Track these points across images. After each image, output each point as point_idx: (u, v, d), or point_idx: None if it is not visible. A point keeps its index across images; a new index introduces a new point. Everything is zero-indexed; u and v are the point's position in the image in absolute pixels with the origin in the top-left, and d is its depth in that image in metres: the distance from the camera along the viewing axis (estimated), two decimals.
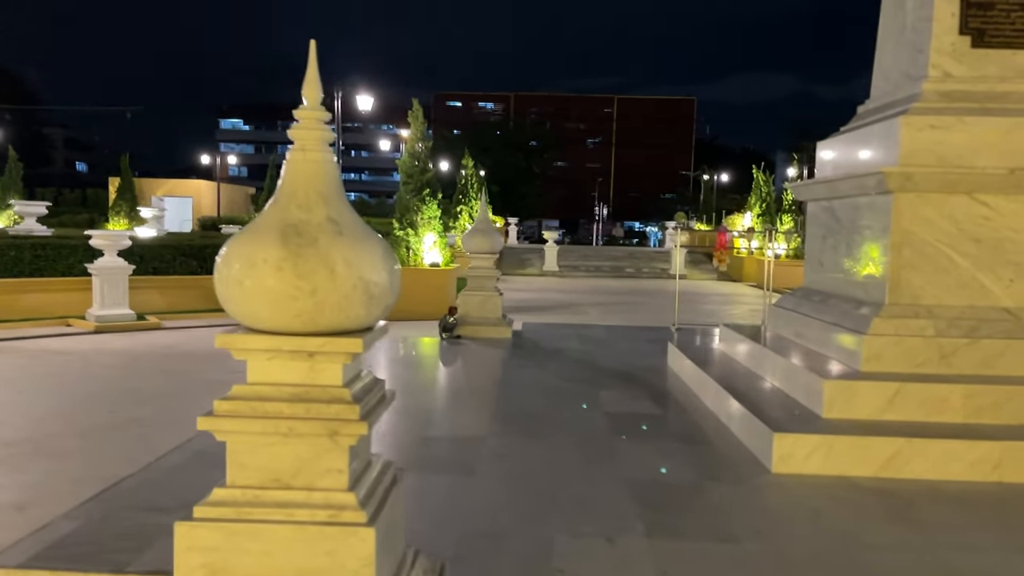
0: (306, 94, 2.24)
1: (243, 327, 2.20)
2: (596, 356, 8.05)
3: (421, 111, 15.85)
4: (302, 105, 2.25)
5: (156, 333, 12.19)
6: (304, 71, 2.23)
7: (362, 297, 2.11)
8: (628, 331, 10.88)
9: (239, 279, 2.07)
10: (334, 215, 2.17)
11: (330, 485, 2.15)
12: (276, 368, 2.17)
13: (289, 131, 2.25)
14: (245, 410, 2.13)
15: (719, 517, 3.51)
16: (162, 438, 6.35)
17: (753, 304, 19.96)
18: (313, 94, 2.24)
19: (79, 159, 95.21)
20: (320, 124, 2.24)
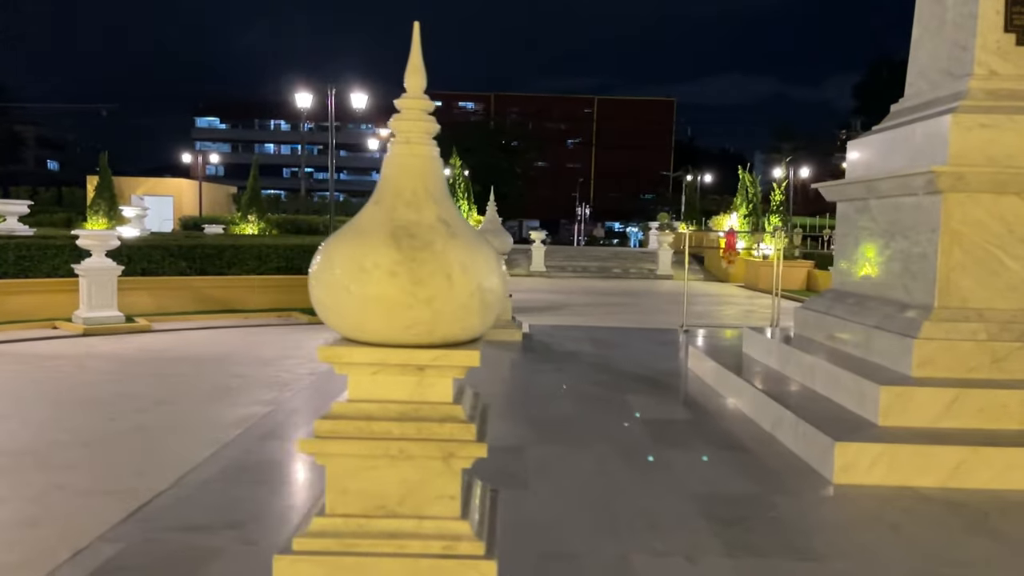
0: (409, 82, 2.04)
1: (342, 338, 1.99)
2: (611, 359, 7.88)
3: None
4: (404, 94, 2.05)
5: (147, 336, 11.84)
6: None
7: (478, 306, 1.92)
8: (635, 332, 10.74)
9: (344, 285, 1.86)
10: (444, 215, 1.97)
11: (441, 512, 1.95)
12: (381, 384, 1.97)
13: (391, 122, 2.05)
14: (349, 430, 1.92)
15: (795, 533, 3.35)
16: (168, 447, 6.09)
17: (744, 305, 19.95)
18: (417, 82, 2.03)
19: (51, 157, 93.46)
20: (425, 115, 2.04)
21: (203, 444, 6.18)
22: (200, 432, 6.54)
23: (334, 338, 2.02)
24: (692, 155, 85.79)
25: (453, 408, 1.96)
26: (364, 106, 16.76)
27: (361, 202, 36.98)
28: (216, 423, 6.87)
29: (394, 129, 2.04)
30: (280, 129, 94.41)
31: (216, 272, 14.67)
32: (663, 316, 16.62)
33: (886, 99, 27.32)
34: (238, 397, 7.86)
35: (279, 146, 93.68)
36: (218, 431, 6.60)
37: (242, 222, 28.34)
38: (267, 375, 9.01)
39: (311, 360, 10.15)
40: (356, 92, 16.40)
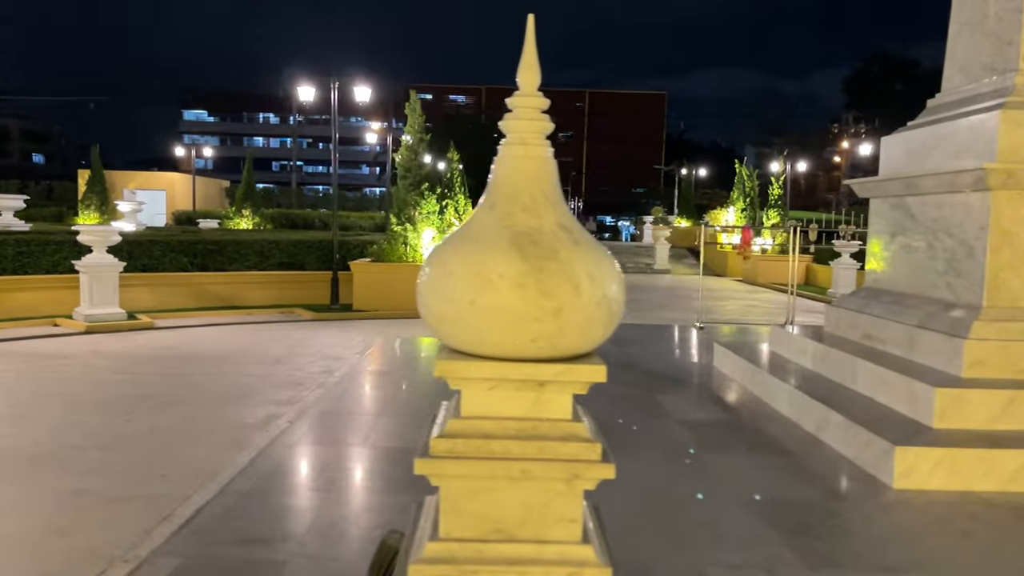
0: (523, 79, 1.91)
1: (453, 351, 1.86)
2: (634, 357, 7.79)
3: (419, 104, 15.45)
4: (517, 92, 1.92)
5: (150, 333, 11.65)
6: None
7: (604, 316, 1.80)
8: (650, 329, 10.64)
9: (468, 298, 1.74)
10: (563, 221, 1.85)
11: (562, 536, 1.83)
12: (496, 400, 1.85)
13: (503, 123, 1.93)
14: (468, 450, 1.80)
15: (867, 542, 3.27)
16: (189, 450, 5.95)
17: (746, 299, 19.93)
18: (531, 79, 1.91)
19: (36, 151, 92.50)
20: (539, 114, 1.91)
21: (224, 447, 6.05)
22: (219, 434, 6.40)
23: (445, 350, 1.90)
24: (683, 149, 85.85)
25: (575, 426, 1.84)
26: (368, 99, 16.53)
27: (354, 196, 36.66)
28: (234, 424, 6.73)
29: (506, 129, 1.92)
30: (269, 122, 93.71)
31: (217, 268, 14.48)
32: (671, 312, 16.57)
33: (878, 93, 27.81)
34: (253, 397, 7.72)
35: (268, 139, 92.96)
36: (237, 432, 6.47)
37: (236, 216, 28.10)
38: (279, 374, 8.87)
39: (322, 357, 10.01)
40: (359, 85, 16.17)
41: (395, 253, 15.00)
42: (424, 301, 1.88)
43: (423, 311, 1.92)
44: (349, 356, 10.16)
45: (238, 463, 5.53)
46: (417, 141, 15.27)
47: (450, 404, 2.07)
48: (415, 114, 15.35)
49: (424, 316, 1.92)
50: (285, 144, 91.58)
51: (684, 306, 17.85)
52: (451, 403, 2.08)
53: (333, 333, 12.12)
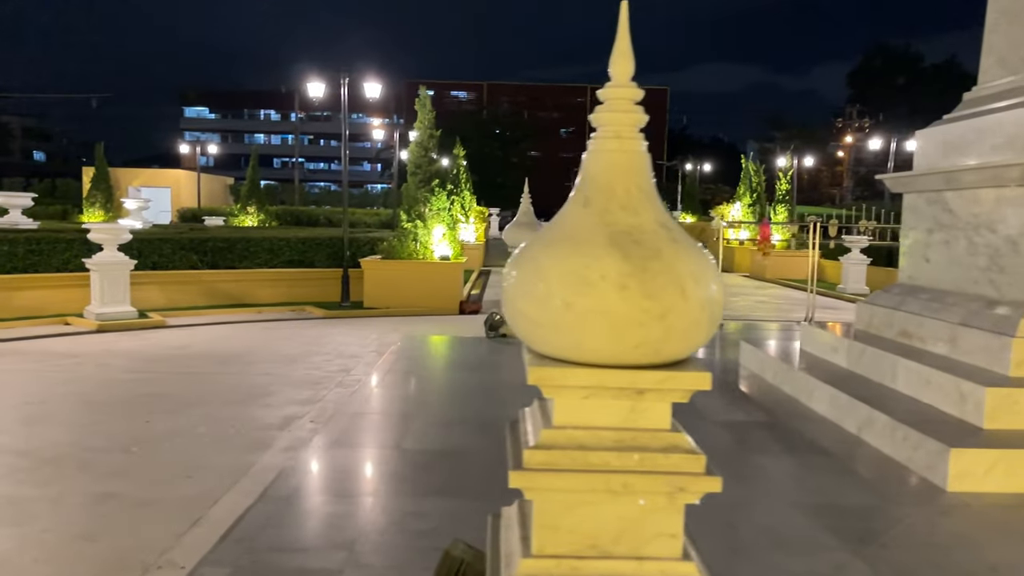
0: (616, 68, 1.80)
1: (545, 356, 1.76)
2: None
3: (429, 99, 15.32)
4: (609, 83, 1.82)
5: (162, 332, 11.56)
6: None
7: (707, 320, 1.70)
8: None
9: (565, 300, 1.64)
10: (662, 218, 1.75)
11: (661, 553, 1.74)
12: (591, 409, 1.75)
13: (594, 115, 1.82)
14: (564, 462, 1.70)
15: (933, 549, 3.17)
16: (213, 452, 5.85)
17: (755, 295, 19.82)
18: (625, 68, 1.80)
19: (37, 148, 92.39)
20: (633, 105, 1.81)
21: (248, 448, 5.95)
22: (242, 435, 6.31)
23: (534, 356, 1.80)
24: (685, 144, 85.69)
25: (676, 436, 1.74)
26: (377, 95, 16.40)
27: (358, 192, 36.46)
28: (256, 425, 6.63)
29: (598, 122, 1.81)
30: (270, 119, 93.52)
31: (227, 266, 14.38)
32: None
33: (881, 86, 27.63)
34: (272, 397, 7.62)
35: (269, 136, 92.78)
36: (260, 433, 6.38)
37: (241, 214, 27.98)
38: (296, 373, 8.77)
39: (338, 356, 9.91)
40: (369, 81, 16.04)
41: (406, 250, 14.89)
42: (513, 304, 1.78)
43: (510, 314, 1.82)
44: (365, 354, 10.07)
45: (267, 465, 5.44)
46: (427, 137, 15.14)
47: (533, 412, 1.96)
48: (424, 110, 15.22)
49: (511, 319, 1.82)
50: (286, 141, 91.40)
51: None
52: (534, 411, 1.97)
53: (346, 331, 12.02)
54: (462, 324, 13.06)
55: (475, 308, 14.85)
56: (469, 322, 13.41)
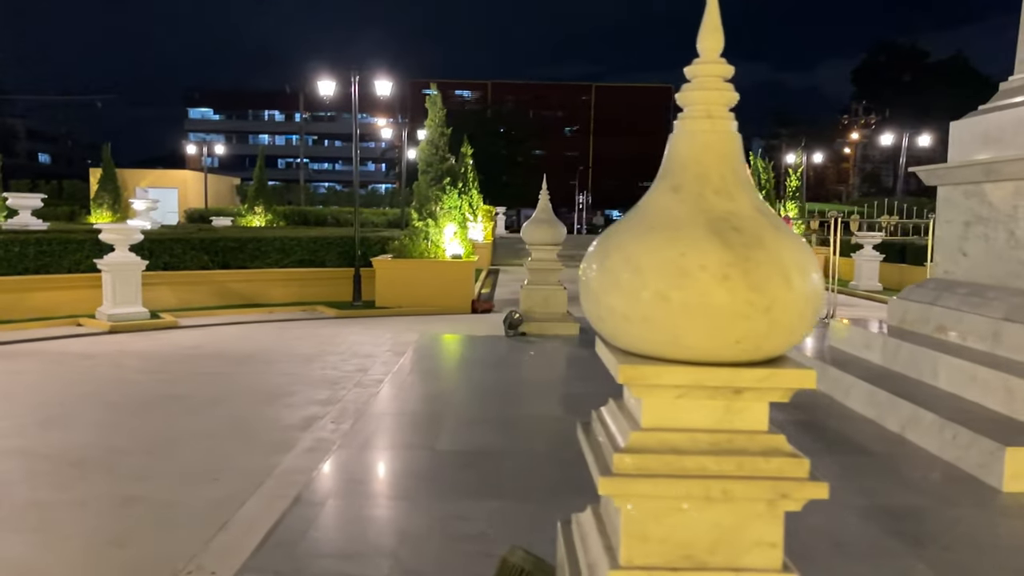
0: (705, 44, 1.69)
1: (632, 354, 1.65)
2: None
3: (440, 96, 15.21)
4: (698, 59, 1.70)
5: (175, 332, 11.46)
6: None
7: (811, 314, 1.58)
8: None
9: (661, 293, 1.52)
10: (759, 204, 1.63)
11: (761, 564, 1.62)
12: (684, 409, 1.63)
13: (681, 94, 1.71)
14: (657, 467, 1.59)
15: (1000, 552, 3.05)
16: (236, 453, 5.75)
17: None
18: (714, 44, 1.69)
19: (42, 150, 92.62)
20: (724, 83, 1.69)
21: (272, 449, 5.85)
22: (264, 436, 6.21)
23: (618, 352, 1.68)
24: None
25: (774, 439, 1.63)
26: (388, 93, 16.30)
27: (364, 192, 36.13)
28: (277, 425, 6.53)
29: (686, 101, 1.70)
30: (274, 120, 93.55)
31: (238, 265, 14.29)
32: None
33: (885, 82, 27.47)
34: (291, 397, 7.52)
35: (273, 137, 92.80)
36: (281, 434, 6.27)
37: (249, 214, 27.91)
38: (313, 373, 8.67)
39: (353, 355, 9.80)
40: (380, 80, 15.93)
41: (417, 249, 14.78)
42: (596, 298, 1.66)
43: (591, 309, 1.70)
44: (380, 354, 9.96)
45: (292, 467, 5.34)
46: (438, 135, 15.03)
47: (613, 413, 1.85)
48: (435, 108, 15.11)
49: (593, 314, 1.70)
50: (291, 141, 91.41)
51: None
52: (613, 412, 1.86)
53: (359, 330, 11.91)
54: (475, 323, 12.95)
55: (487, 307, 14.73)
56: (482, 321, 13.30)
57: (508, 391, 5.83)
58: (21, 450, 5.76)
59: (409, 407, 5.26)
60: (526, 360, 7.29)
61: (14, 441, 5.96)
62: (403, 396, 5.59)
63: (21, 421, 6.51)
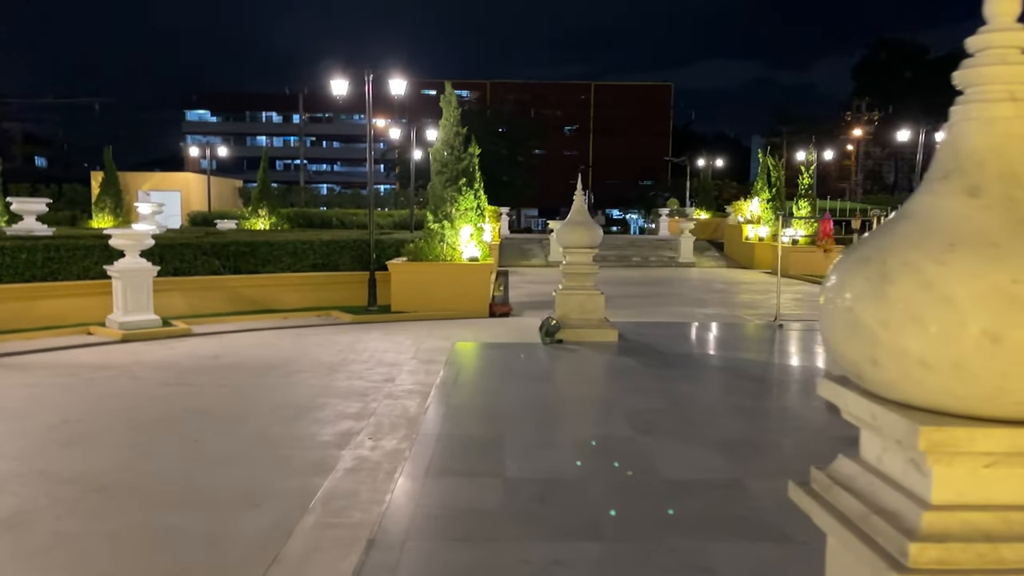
0: (996, 8, 1.31)
1: (918, 409, 1.27)
2: (735, 362, 7.24)
3: (454, 95, 14.84)
4: (987, 27, 1.33)
5: (189, 340, 11.07)
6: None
7: None
8: (723, 329, 10.02)
9: (989, 332, 1.14)
10: None
11: None
12: (989, 481, 1.26)
13: (961, 72, 1.35)
14: (968, 560, 1.21)
15: None
16: (273, 475, 5.36)
17: (786, 293, 19.28)
18: (1009, 5, 1.31)
19: (38, 154, 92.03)
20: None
21: (311, 470, 5.47)
22: (299, 455, 5.83)
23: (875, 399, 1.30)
24: (688, 140, 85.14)
25: None
26: (403, 92, 15.90)
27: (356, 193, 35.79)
28: (311, 443, 6.15)
29: (972, 80, 1.33)
30: (272, 121, 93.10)
31: (250, 270, 13.90)
32: (718, 308, 15.96)
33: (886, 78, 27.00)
34: (320, 411, 7.14)
35: (271, 138, 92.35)
36: (318, 452, 5.89)
37: (253, 217, 27.50)
38: (339, 383, 8.29)
39: (378, 364, 9.42)
40: (394, 78, 15.53)
41: (433, 252, 14.40)
42: (872, 336, 1.27)
43: (857, 349, 1.31)
44: (405, 361, 9.59)
45: (337, 490, 4.97)
46: (453, 135, 14.65)
47: (857, 472, 1.48)
48: (450, 107, 14.74)
49: (859, 355, 1.31)
50: (288, 143, 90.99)
51: (727, 301, 17.26)
52: (855, 470, 1.49)
53: (378, 336, 11.53)
54: (497, 328, 12.58)
55: (505, 310, 14.35)
56: (502, 325, 12.93)
57: (563, 407, 5.45)
58: (43, 473, 5.37)
59: (463, 428, 4.88)
60: (572, 371, 6.92)
61: (35, 463, 5.57)
62: (454, 415, 5.21)
63: (40, 440, 6.13)
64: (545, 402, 5.66)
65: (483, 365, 7.06)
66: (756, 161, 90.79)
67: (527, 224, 72.25)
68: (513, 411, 5.34)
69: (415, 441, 4.94)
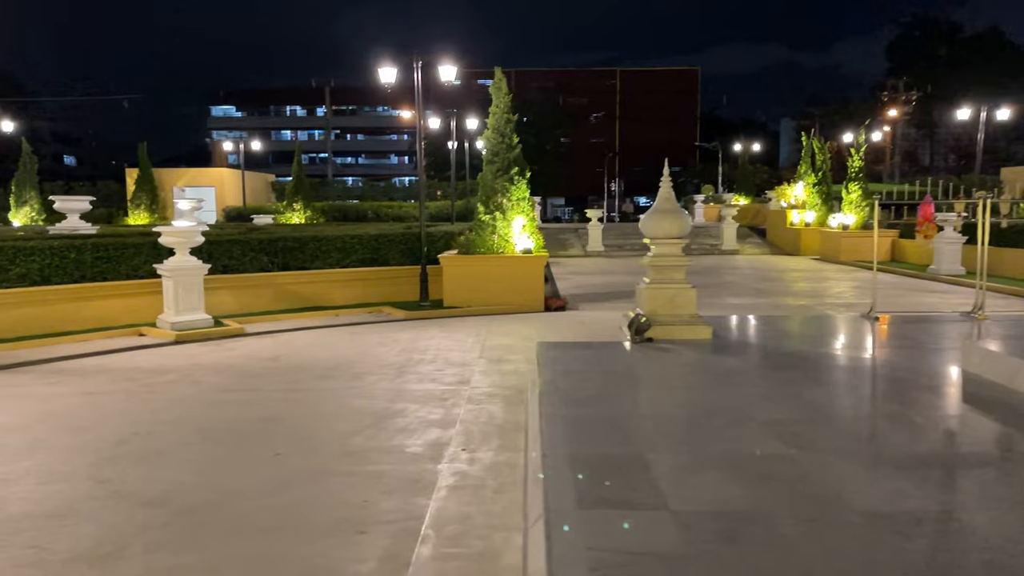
0: None
1: None
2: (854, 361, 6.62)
3: (504, 81, 14.27)
4: None
5: (244, 341, 10.67)
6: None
7: None
8: (819, 323, 9.39)
9: None
10: None
11: None
12: None
13: None
14: None
15: None
16: (368, 493, 4.88)
17: (847, 280, 18.55)
18: None
19: (67, 152, 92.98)
20: None
21: (406, 488, 4.99)
22: (392, 470, 5.34)
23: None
24: (715, 125, 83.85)
25: None
26: (453, 78, 15.36)
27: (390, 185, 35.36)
28: (402, 455, 5.66)
29: None
30: (296, 115, 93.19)
31: (299, 266, 13.49)
32: (780, 298, 15.28)
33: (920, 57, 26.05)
34: (401, 418, 6.67)
35: (296, 132, 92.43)
36: (411, 466, 5.41)
37: (288, 211, 27.20)
38: (411, 386, 7.82)
39: (446, 363, 8.94)
40: (450, 65, 14.98)
41: (485, 244, 13.89)
42: None
43: None
44: (473, 361, 9.11)
45: (445, 513, 4.48)
46: (504, 122, 14.10)
47: None
48: (500, 93, 14.18)
49: None
50: (313, 136, 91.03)
51: (788, 290, 16.57)
52: None
53: (437, 334, 11.06)
54: (558, 323, 12.06)
55: (560, 304, 13.83)
56: (563, 320, 12.39)
57: (690, 417, 4.89)
58: (120, 495, 4.94)
59: (592, 446, 4.34)
60: (681, 375, 6.35)
61: (111, 483, 5.15)
62: (572, 429, 4.67)
63: (111, 456, 5.71)
64: (667, 412, 5.11)
65: (577, 368, 6.50)
66: (786, 145, 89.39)
67: (554, 214, 71.49)
68: (637, 423, 4.79)
69: (475, 442, 4.40)
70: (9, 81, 64.47)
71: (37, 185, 24.10)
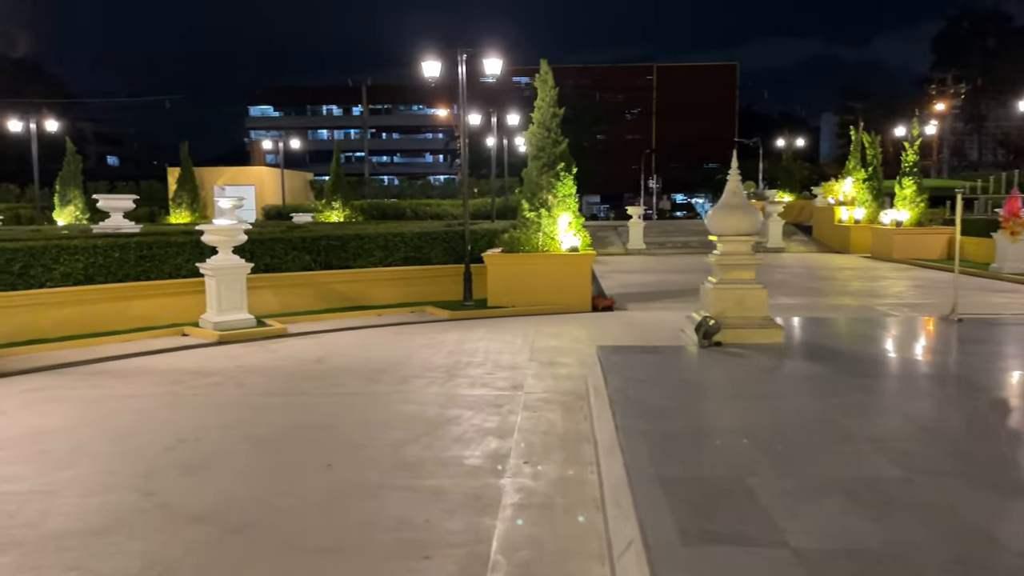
0: None
1: None
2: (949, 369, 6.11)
3: (551, 74, 13.86)
4: None
5: (288, 341, 10.42)
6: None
7: None
8: (897, 326, 8.83)
9: None
10: None
11: None
12: None
13: None
14: None
15: None
16: (433, 514, 4.49)
17: (904, 279, 17.80)
18: None
19: (110, 153, 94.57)
20: None
21: (469, 505, 4.62)
22: (451, 484, 4.98)
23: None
24: (753, 121, 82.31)
25: None
26: (498, 71, 14.99)
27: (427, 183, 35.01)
28: (460, 468, 5.29)
29: None
30: (332, 114, 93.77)
31: (341, 265, 13.23)
32: (845, 298, 14.65)
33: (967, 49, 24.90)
34: (455, 426, 6.31)
35: (332, 131, 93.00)
36: (471, 480, 5.04)
37: (327, 209, 27.10)
38: (462, 391, 7.47)
39: (496, 367, 8.57)
40: (495, 58, 14.62)
41: (530, 242, 13.49)
42: None
43: None
44: (524, 364, 8.73)
45: (514, 536, 4.10)
46: (550, 117, 13.69)
47: None
48: (546, 87, 13.76)
49: None
50: (349, 135, 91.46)
51: (844, 290, 15.92)
52: None
53: (484, 335, 10.70)
54: (610, 324, 11.63)
55: (607, 303, 13.38)
56: (613, 321, 11.97)
57: (786, 434, 4.43)
58: (169, 509, 4.66)
59: (681, 467, 3.91)
60: (759, 382, 5.88)
61: (158, 495, 4.86)
62: (655, 445, 4.25)
63: (157, 465, 5.43)
64: (757, 426, 4.66)
65: (646, 375, 6.06)
66: (827, 140, 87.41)
67: (591, 211, 70.81)
68: (726, 439, 4.35)
69: (537, 455, 4.01)
70: (53, 82, 65.63)
71: (81, 184, 24.30)
